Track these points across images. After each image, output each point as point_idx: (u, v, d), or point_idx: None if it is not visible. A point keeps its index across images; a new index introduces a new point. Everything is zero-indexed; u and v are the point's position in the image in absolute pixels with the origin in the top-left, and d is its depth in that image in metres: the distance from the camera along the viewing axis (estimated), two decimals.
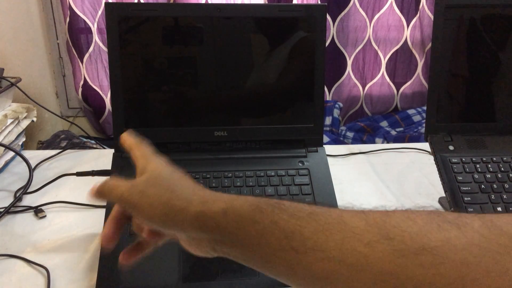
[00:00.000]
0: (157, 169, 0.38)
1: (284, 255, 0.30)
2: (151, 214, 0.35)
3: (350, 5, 1.81)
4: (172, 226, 0.35)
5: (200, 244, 0.35)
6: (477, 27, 0.70)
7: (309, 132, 0.70)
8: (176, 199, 0.35)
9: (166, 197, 0.35)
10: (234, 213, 0.32)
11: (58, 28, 1.81)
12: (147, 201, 0.35)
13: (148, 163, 0.39)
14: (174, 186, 0.36)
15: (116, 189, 0.37)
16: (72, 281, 0.59)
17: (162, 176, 0.38)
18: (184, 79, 0.69)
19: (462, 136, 0.72)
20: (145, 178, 0.37)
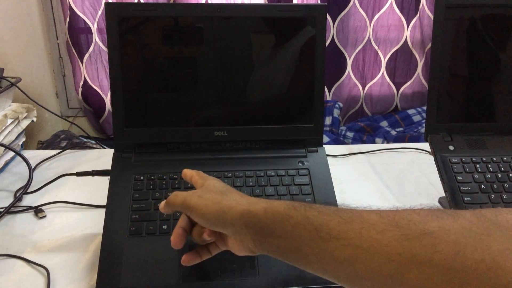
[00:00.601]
0: (211, 182, 0.48)
1: (314, 244, 0.36)
2: (206, 212, 0.43)
3: (350, 5, 1.81)
4: (223, 223, 0.42)
5: (244, 241, 0.42)
6: (477, 27, 0.70)
7: (309, 132, 0.70)
8: (226, 200, 0.43)
9: (219, 199, 0.44)
10: (272, 210, 0.39)
11: (58, 28, 1.81)
12: (203, 203, 0.44)
13: (205, 181, 0.49)
14: (225, 191, 0.46)
15: (180, 196, 0.46)
16: (72, 281, 0.59)
17: (216, 186, 0.47)
18: (184, 79, 0.69)
19: (462, 136, 0.72)
20: (203, 188, 0.47)
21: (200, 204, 0.44)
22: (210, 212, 0.43)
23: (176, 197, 0.47)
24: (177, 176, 0.65)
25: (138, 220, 0.60)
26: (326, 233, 0.36)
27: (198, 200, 0.44)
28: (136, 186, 0.64)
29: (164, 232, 0.59)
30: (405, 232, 0.33)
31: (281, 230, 0.38)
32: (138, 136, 0.68)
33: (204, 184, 0.49)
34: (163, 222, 0.60)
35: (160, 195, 0.63)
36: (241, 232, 0.41)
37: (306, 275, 0.55)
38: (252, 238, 0.41)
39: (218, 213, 0.42)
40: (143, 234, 0.59)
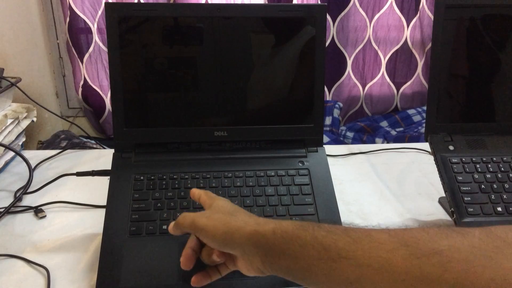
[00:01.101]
0: (220, 203, 0.49)
1: (323, 264, 0.36)
2: (215, 233, 0.43)
3: (350, 5, 1.81)
4: (231, 244, 0.42)
5: (253, 261, 0.42)
6: (477, 27, 0.70)
7: (309, 132, 0.70)
8: (234, 221, 0.43)
9: (227, 219, 0.44)
10: (281, 231, 0.39)
11: (58, 28, 1.81)
12: (212, 224, 0.44)
13: (213, 201, 0.50)
14: (233, 212, 0.46)
15: (188, 217, 0.46)
16: (72, 281, 0.59)
17: (224, 206, 0.48)
18: (184, 79, 0.69)
19: (462, 136, 0.72)
20: (211, 209, 0.48)
21: (209, 225, 0.44)
22: (218, 233, 0.43)
23: (185, 218, 0.47)
24: (177, 176, 0.65)
25: (138, 220, 0.60)
26: (335, 253, 0.36)
27: (207, 221, 0.44)
28: (136, 186, 0.64)
29: (164, 232, 0.59)
30: (414, 251, 0.33)
31: (290, 250, 0.38)
32: (138, 136, 0.68)
33: (212, 205, 0.49)
34: (163, 222, 0.60)
35: (160, 195, 0.63)
36: (250, 253, 0.41)
37: None
38: (261, 259, 0.41)
39: (226, 234, 0.42)
40: (143, 234, 0.59)
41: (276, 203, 0.63)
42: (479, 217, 0.64)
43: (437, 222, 0.72)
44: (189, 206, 0.62)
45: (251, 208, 0.62)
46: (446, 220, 0.73)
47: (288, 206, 0.63)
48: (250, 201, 0.63)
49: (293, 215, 0.62)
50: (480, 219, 0.64)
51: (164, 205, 0.62)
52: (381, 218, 0.73)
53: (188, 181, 0.65)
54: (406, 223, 0.72)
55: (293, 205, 0.63)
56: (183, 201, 0.62)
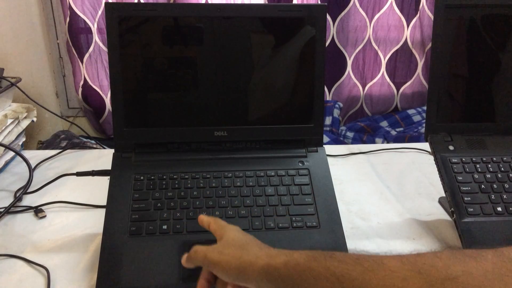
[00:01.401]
0: (231, 235, 0.48)
1: None
2: (228, 268, 0.43)
3: (350, 5, 1.81)
4: (245, 278, 0.42)
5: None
6: (477, 27, 0.70)
7: (309, 132, 0.70)
8: (246, 255, 0.43)
9: (239, 254, 0.44)
10: (293, 263, 0.39)
11: (58, 28, 1.81)
12: (224, 259, 0.44)
13: (224, 232, 0.49)
14: (245, 245, 0.45)
15: (200, 252, 0.47)
16: (72, 281, 0.59)
17: (235, 239, 0.47)
18: (184, 79, 0.69)
19: (462, 136, 0.72)
20: (223, 242, 0.47)
21: (221, 260, 0.44)
22: (231, 268, 0.43)
23: (197, 253, 0.47)
24: (177, 176, 0.65)
25: (138, 220, 0.60)
26: (349, 283, 0.36)
27: (219, 257, 0.45)
28: (136, 186, 0.64)
29: (164, 232, 0.59)
30: (428, 279, 0.33)
31: (304, 282, 0.38)
32: (138, 136, 0.68)
33: (224, 237, 0.48)
34: (163, 222, 0.60)
35: (160, 195, 0.63)
36: (264, 287, 0.41)
37: None
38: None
39: (239, 269, 0.43)
40: (143, 234, 0.59)
41: (276, 203, 0.63)
42: (479, 217, 0.64)
43: (437, 222, 0.72)
44: (189, 206, 0.62)
45: (251, 208, 0.62)
46: (446, 220, 0.73)
47: (288, 206, 0.63)
48: (250, 201, 0.63)
49: (293, 215, 0.62)
50: (480, 219, 0.64)
51: (164, 205, 0.62)
52: (381, 218, 0.73)
53: (188, 181, 0.65)
54: (406, 223, 0.72)
55: (293, 205, 0.63)
56: (183, 201, 0.62)
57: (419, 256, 0.36)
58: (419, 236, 0.69)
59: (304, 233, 0.60)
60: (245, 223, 0.61)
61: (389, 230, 0.71)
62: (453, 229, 0.68)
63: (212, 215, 0.61)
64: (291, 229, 0.60)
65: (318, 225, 0.61)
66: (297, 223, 0.61)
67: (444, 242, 0.68)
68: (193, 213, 0.61)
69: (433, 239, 0.68)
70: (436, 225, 0.71)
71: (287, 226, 0.60)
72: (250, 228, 0.60)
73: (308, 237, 0.59)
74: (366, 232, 0.70)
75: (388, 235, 0.70)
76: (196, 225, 0.60)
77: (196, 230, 0.59)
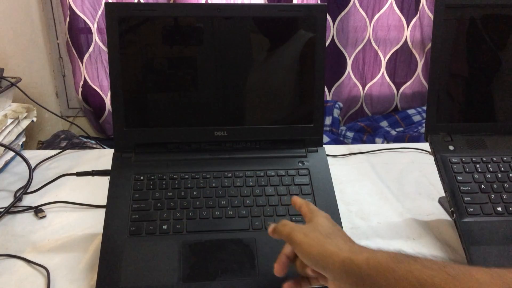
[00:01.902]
0: (319, 221, 0.48)
1: None
2: (309, 252, 0.44)
3: (350, 5, 1.81)
4: (323, 266, 0.43)
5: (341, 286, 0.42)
6: (477, 27, 0.70)
7: (309, 132, 0.70)
8: (330, 245, 0.43)
9: (323, 241, 0.44)
10: (375, 261, 0.39)
11: (58, 28, 1.81)
12: (307, 241, 0.45)
13: (314, 216, 0.49)
14: (331, 234, 0.45)
15: (287, 227, 0.47)
16: (72, 281, 0.59)
17: (323, 225, 0.47)
18: (184, 79, 0.69)
19: (462, 136, 0.72)
20: (310, 225, 0.48)
21: (304, 242, 0.45)
22: (312, 253, 0.44)
23: (284, 227, 0.48)
24: (177, 176, 0.65)
25: (138, 220, 0.60)
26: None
27: (303, 238, 0.45)
28: (136, 186, 0.64)
29: (164, 232, 0.59)
30: None
31: (384, 282, 0.37)
32: (138, 136, 0.68)
33: (313, 220, 0.49)
34: (163, 222, 0.60)
35: (160, 195, 0.63)
36: (340, 279, 0.41)
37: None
38: (351, 287, 0.41)
39: (320, 256, 0.43)
40: (143, 234, 0.59)
41: (276, 203, 0.63)
42: (479, 217, 0.64)
43: (437, 222, 0.72)
44: (189, 206, 0.62)
45: (251, 208, 0.62)
46: (446, 220, 0.73)
47: (288, 206, 0.63)
48: (250, 201, 0.63)
49: (293, 215, 0.62)
50: (480, 219, 0.64)
51: (164, 205, 0.62)
52: (381, 218, 0.73)
53: (188, 181, 0.65)
54: (406, 223, 0.72)
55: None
56: (183, 201, 0.62)
57: (508, 271, 0.34)
58: (419, 236, 0.69)
59: None
60: (245, 223, 0.61)
61: (389, 230, 0.71)
62: (453, 229, 0.68)
63: (212, 215, 0.61)
64: None
65: None
66: (297, 223, 0.61)
67: (444, 242, 0.68)
68: (193, 213, 0.61)
69: (433, 239, 0.68)
70: (436, 225, 0.71)
71: None
72: (250, 228, 0.60)
73: None
74: (366, 232, 0.70)
75: (388, 235, 0.70)
76: (196, 225, 0.60)
77: (196, 230, 0.59)
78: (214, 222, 0.60)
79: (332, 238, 0.45)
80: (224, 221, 0.61)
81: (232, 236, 0.59)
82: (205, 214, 0.61)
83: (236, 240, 0.59)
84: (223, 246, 0.58)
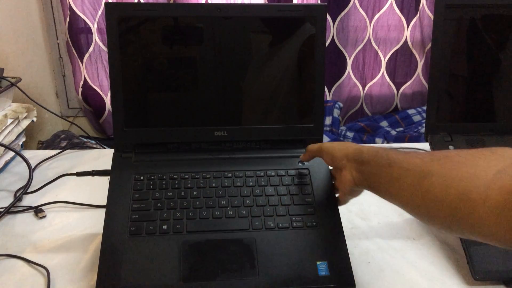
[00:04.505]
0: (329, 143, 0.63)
1: (386, 169, 0.51)
2: (333, 148, 0.60)
3: (350, 5, 1.81)
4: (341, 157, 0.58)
5: (351, 170, 0.57)
6: (477, 27, 0.70)
7: (309, 132, 0.70)
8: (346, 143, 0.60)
9: (342, 143, 0.61)
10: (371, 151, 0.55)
11: (58, 28, 1.81)
12: (332, 145, 0.61)
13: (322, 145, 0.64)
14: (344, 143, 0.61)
15: (316, 145, 0.64)
16: (72, 281, 0.59)
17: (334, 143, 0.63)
18: (184, 79, 0.69)
19: (462, 136, 0.72)
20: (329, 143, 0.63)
21: (330, 145, 0.61)
22: (335, 149, 0.60)
23: (313, 146, 0.64)
24: (177, 176, 0.65)
25: (138, 220, 0.60)
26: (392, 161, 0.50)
27: (329, 144, 0.62)
28: (136, 186, 0.64)
29: (164, 232, 0.59)
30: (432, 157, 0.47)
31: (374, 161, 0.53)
32: (138, 136, 0.68)
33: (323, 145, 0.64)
34: (163, 222, 0.60)
35: (160, 195, 0.63)
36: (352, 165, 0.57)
37: (306, 275, 0.55)
38: (356, 167, 0.56)
39: (341, 151, 0.59)
40: (143, 234, 0.59)
41: (276, 203, 0.63)
42: None
43: None
44: (189, 206, 0.62)
45: (251, 208, 0.62)
46: None
47: (288, 206, 0.63)
48: (250, 201, 0.63)
49: (293, 215, 0.62)
50: None
51: (164, 205, 0.62)
52: (381, 218, 0.73)
53: (188, 181, 0.65)
54: (406, 223, 0.72)
55: (293, 205, 0.63)
56: (183, 201, 0.62)
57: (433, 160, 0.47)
58: (419, 236, 0.69)
59: (304, 233, 0.60)
60: (245, 223, 0.60)
61: (389, 230, 0.71)
62: None
63: (212, 215, 0.61)
64: (291, 229, 0.60)
65: (318, 225, 0.61)
66: (297, 223, 0.61)
67: (444, 242, 0.68)
68: (193, 213, 0.61)
69: (433, 239, 0.68)
70: None
71: (287, 226, 0.60)
72: (250, 228, 0.60)
73: (308, 237, 0.59)
74: (366, 232, 0.70)
75: (388, 235, 0.70)
76: (196, 225, 0.60)
77: (196, 230, 0.59)
78: (214, 222, 0.60)
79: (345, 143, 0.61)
80: (224, 221, 0.61)
81: (232, 236, 0.59)
82: (205, 214, 0.61)
83: (236, 240, 0.59)
84: (223, 246, 0.58)
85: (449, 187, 0.42)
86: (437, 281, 0.61)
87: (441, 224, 0.45)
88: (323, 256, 0.57)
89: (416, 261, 0.64)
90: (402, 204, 0.50)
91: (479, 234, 0.40)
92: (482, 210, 0.39)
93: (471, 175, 0.41)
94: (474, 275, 0.59)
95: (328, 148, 0.61)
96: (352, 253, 0.64)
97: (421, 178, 0.45)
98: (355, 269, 0.57)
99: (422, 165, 0.46)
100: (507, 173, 0.39)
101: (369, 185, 0.55)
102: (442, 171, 0.44)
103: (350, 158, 0.57)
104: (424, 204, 0.45)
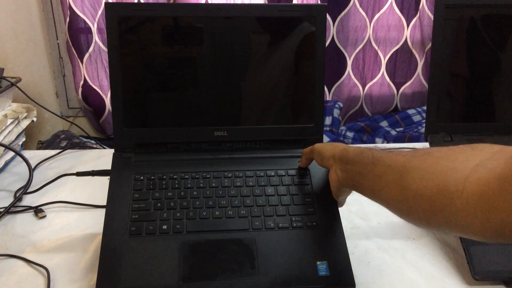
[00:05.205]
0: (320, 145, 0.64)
1: (370, 167, 0.51)
2: (323, 148, 0.61)
3: (350, 5, 1.81)
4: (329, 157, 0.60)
5: (336, 170, 0.58)
6: (477, 27, 0.70)
7: (309, 132, 0.70)
8: (335, 144, 0.61)
9: (331, 143, 0.62)
10: (356, 151, 0.56)
11: (58, 28, 1.81)
12: (323, 145, 0.62)
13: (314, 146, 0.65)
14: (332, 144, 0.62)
15: (309, 148, 0.65)
16: (72, 281, 0.59)
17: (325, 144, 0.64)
18: (184, 79, 0.69)
19: (462, 136, 0.72)
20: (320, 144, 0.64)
21: (321, 146, 0.62)
22: (324, 149, 0.61)
23: (307, 148, 0.65)
24: (177, 176, 0.65)
25: (138, 220, 0.60)
26: (376, 160, 0.51)
27: (322, 146, 0.62)
28: (136, 186, 0.64)
29: (164, 232, 0.59)
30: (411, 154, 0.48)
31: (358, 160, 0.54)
32: (138, 136, 0.68)
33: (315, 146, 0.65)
34: (163, 222, 0.60)
35: (160, 195, 0.63)
36: (338, 164, 0.58)
37: (306, 275, 0.55)
38: (341, 167, 0.57)
39: (329, 151, 0.60)
40: (143, 234, 0.59)
41: (276, 203, 0.63)
42: None
43: None
44: (189, 206, 0.62)
45: (251, 208, 0.62)
46: None
47: (288, 206, 0.63)
48: (250, 201, 0.63)
49: (293, 215, 0.62)
50: None
51: (164, 205, 0.62)
52: (381, 218, 0.73)
53: (188, 181, 0.65)
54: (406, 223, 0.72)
55: (293, 205, 0.63)
56: (183, 201, 0.62)
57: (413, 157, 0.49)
58: (419, 236, 0.69)
59: (304, 233, 0.60)
60: (245, 223, 0.60)
61: (389, 230, 0.71)
62: None
63: (212, 215, 0.61)
64: (291, 229, 0.60)
65: (318, 225, 0.61)
66: (297, 223, 0.61)
67: (444, 242, 0.68)
68: (193, 213, 0.61)
69: (433, 239, 0.68)
70: None
71: (287, 226, 0.60)
72: (250, 228, 0.60)
73: (308, 237, 0.59)
74: (366, 232, 0.70)
75: (388, 235, 0.70)
76: (196, 225, 0.60)
77: (196, 230, 0.59)
78: (214, 222, 0.60)
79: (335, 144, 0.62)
80: (224, 221, 0.61)
81: (232, 236, 0.59)
82: (205, 214, 0.61)
83: (236, 240, 0.59)
84: (223, 246, 0.58)
85: (428, 181, 0.43)
86: (437, 281, 0.61)
87: (420, 219, 0.45)
88: (323, 256, 0.57)
89: (416, 261, 0.64)
90: (384, 201, 0.50)
91: (456, 226, 0.40)
92: (459, 202, 0.39)
93: (450, 169, 0.41)
94: (474, 275, 0.59)
95: (318, 148, 0.62)
96: (352, 253, 0.64)
97: (403, 173, 0.46)
98: (355, 269, 0.57)
99: (404, 162, 0.47)
100: (485, 166, 0.39)
101: (354, 184, 0.55)
102: (422, 166, 0.44)
103: (336, 158, 0.58)
104: (404, 199, 0.45)
